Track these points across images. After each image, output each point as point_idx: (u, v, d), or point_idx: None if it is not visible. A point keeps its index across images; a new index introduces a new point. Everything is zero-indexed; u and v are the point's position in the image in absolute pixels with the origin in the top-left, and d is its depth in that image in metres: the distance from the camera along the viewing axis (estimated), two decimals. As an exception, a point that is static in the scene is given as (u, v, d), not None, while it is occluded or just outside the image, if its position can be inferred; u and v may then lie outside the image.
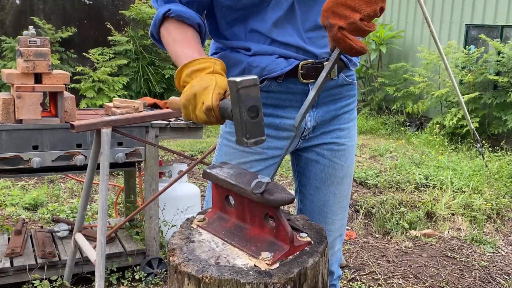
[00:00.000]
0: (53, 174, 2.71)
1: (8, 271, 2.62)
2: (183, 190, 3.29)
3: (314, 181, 1.54)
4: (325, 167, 1.52)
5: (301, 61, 1.36)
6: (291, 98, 1.42)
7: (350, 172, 1.57)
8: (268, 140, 1.44)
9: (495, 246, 3.56)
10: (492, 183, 4.62)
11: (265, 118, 1.43)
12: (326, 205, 1.55)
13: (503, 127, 6.30)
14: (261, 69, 1.36)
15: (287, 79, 1.38)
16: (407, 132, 7.34)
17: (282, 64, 1.35)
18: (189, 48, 1.25)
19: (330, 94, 1.46)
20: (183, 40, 1.27)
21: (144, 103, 3.03)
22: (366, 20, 1.01)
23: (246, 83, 0.98)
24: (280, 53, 1.36)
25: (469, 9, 7.22)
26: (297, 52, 1.36)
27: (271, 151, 1.46)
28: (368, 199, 4.20)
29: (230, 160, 1.45)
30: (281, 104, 1.42)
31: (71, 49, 7.50)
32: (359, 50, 1.03)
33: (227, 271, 0.93)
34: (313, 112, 1.45)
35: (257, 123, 1.01)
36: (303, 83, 1.39)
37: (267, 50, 1.36)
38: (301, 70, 1.37)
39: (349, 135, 1.54)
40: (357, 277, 3.05)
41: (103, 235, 2.23)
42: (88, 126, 2.23)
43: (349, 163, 1.55)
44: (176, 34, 1.29)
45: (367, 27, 1.01)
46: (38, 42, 2.59)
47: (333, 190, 1.54)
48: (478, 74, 6.57)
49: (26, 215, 3.84)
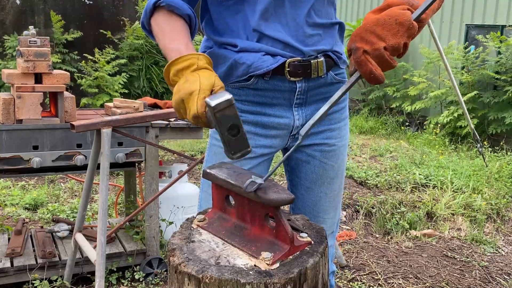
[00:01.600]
0: (53, 174, 2.71)
1: (8, 271, 2.62)
2: (183, 190, 3.29)
3: (305, 181, 1.55)
4: (316, 168, 1.53)
5: (288, 58, 1.36)
6: (279, 96, 1.42)
7: (341, 171, 1.58)
8: (256, 138, 1.45)
9: (495, 246, 3.56)
10: (492, 183, 4.62)
11: (253, 116, 1.44)
12: (317, 204, 1.56)
13: (502, 126, 6.31)
14: (247, 66, 1.36)
15: (274, 76, 1.38)
16: (407, 132, 7.35)
17: (269, 62, 1.35)
18: (177, 41, 1.25)
19: (319, 92, 1.45)
20: (171, 32, 1.28)
21: (144, 103, 3.03)
22: (389, 51, 1.08)
23: (221, 106, 1.03)
24: (267, 50, 1.36)
25: (469, 9, 7.22)
26: (284, 49, 1.36)
27: (259, 149, 1.46)
28: (368, 199, 4.20)
29: (220, 159, 1.45)
30: (269, 102, 1.42)
31: (71, 49, 7.50)
32: (378, 76, 1.08)
33: (227, 271, 0.93)
34: (302, 110, 1.45)
35: (240, 139, 1.06)
36: (290, 81, 1.39)
37: (254, 47, 1.36)
38: (288, 68, 1.37)
39: (339, 135, 1.54)
40: (357, 277, 3.05)
41: (103, 235, 2.23)
42: (88, 126, 2.23)
43: (340, 163, 1.56)
44: (165, 26, 1.29)
45: (389, 57, 1.08)
46: (38, 42, 2.59)
47: (324, 190, 1.55)
48: (477, 74, 6.58)
49: (26, 215, 3.84)
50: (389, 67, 1.09)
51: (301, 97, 1.43)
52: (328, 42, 1.43)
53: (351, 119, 8.03)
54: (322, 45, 1.41)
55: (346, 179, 4.77)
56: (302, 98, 1.43)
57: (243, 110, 1.44)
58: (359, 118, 8.21)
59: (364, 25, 1.10)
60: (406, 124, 7.82)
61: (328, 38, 1.43)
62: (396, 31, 1.07)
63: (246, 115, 1.44)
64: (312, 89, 1.43)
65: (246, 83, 1.40)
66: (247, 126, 1.44)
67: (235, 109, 1.05)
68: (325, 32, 1.42)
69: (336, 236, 1.75)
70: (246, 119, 1.44)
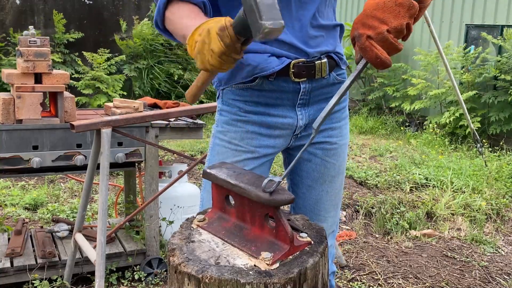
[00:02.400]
0: (53, 174, 2.71)
1: (8, 271, 2.62)
2: (183, 190, 3.29)
3: (306, 180, 1.56)
4: (317, 166, 1.54)
5: (293, 59, 1.37)
6: (283, 96, 1.42)
7: (342, 170, 1.59)
8: (261, 138, 1.46)
9: (495, 246, 3.56)
10: (492, 183, 4.63)
11: (257, 116, 1.44)
12: (318, 203, 1.57)
13: (503, 127, 6.31)
14: (253, 67, 1.37)
15: (279, 77, 1.39)
16: (407, 132, 7.35)
17: (274, 63, 1.36)
18: (196, 19, 1.21)
19: (321, 92, 1.47)
20: (189, 15, 1.25)
21: (144, 103, 3.03)
22: (393, 34, 1.06)
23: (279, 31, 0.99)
24: (272, 51, 1.37)
25: (469, 9, 7.22)
26: (289, 51, 1.37)
27: (263, 149, 1.47)
28: (368, 199, 4.20)
29: (223, 159, 1.46)
30: (273, 102, 1.43)
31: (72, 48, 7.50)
32: (384, 60, 1.06)
33: (227, 271, 0.93)
34: (304, 110, 1.46)
35: (272, 5, 1.00)
36: (295, 81, 1.40)
37: (258, 49, 1.37)
38: (293, 69, 1.38)
39: (341, 134, 1.55)
40: (357, 277, 3.05)
41: (103, 235, 2.23)
42: (88, 126, 2.23)
43: (341, 161, 1.57)
44: (182, 12, 1.27)
45: (393, 40, 1.06)
46: (38, 42, 2.59)
47: (326, 188, 1.56)
48: (477, 74, 6.58)
49: (26, 215, 3.84)
50: (395, 50, 1.08)
51: (304, 97, 1.44)
52: (331, 43, 1.45)
53: (351, 119, 8.03)
54: (325, 46, 1.43)
55: (346, 179, 4.78)
56: (306, 98, 1.44)
57: (247, 111, 1.44)
58: (359, 118, 8.21)
59: (364, 11, 1.09)
60: (406, 124, 7.82)
61: (330, 39, 1.45)
62: (397, 12, 1.05)
63: (250, 115, 1.44)
64: (315, 90, 1.45)
65: (251, 84, 1.41)
66: (251, 126, 1.45)
67: None
68: (327, 33, 1.44)
69: (336, 236, 1.75)
70: (250, 119, 1.45)
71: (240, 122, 1.46)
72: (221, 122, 1.47)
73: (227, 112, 1.47)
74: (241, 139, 1.46)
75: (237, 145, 1.46)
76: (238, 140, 1.46)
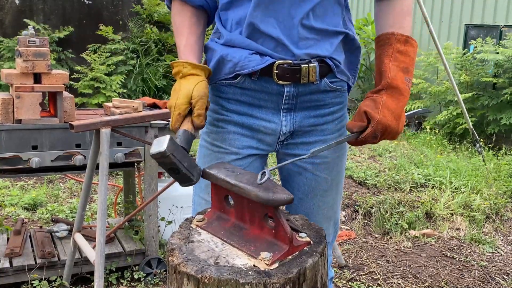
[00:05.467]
0: (52, 174, 2.71)
1: (7, 271, 2.62)
2: (182, 190, 3.28)
3: (297, 192, 1.49)
4: (307, 180, 1.47)
5: (277, 59, 1.31)
6: (267, 98, 1.37)
7: (335, 183, 1.51)
8: (243, 139, 1.42)
9: (494, 246, 3.56)
10: (491, 183, 4.63)
11: (240, 117, 1.40)
12: (309, 216, 1.49)
13: (501, 127, 6.31)
14: (234, 64, 1.33)
15: (262, 77, 1.34)
16: (406, 132, 7.35)
17: (255, 61, 1.31)
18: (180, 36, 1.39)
19: (310, 99, 1.38)
20: (179, 26, 1.40)
21: (143, 103, 3.03)
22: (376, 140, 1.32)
23: (156, 156, 1.12)
24: (256, 48, 1.32)
25: (468, 9, 7.22)
26: (275, 49, 1.31)
27: (246, 150, 1.42)
28: (367, 199, 4.20)
29: (209, 160, 1.43)
30: (256, 103, 1.38)
31: (69, 48, 7.48)
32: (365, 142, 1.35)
33: (227, 271, 0.93)
34: (290, 116, 1.40)
35: (182, 175, 1.16)
36: (278, 84, 1.33)
37: (242, 43, 1.33)
38: (276, 70, 1.31)
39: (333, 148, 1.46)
40: (356, 277, 3.05)
41: (102, 235, 2.23)
42: (88, 126, 2.23)
43: (334, 175, 1.49)
44: (176, 18, 1.42)
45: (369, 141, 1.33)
46: (37, 42, 2.58)
47: (317, 203, 1.50)
48: (476, 74, 6.58)
49: (25, 215, 3.84)
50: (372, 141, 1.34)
51: (289, 102, 1.37)
52: (326, 48, 1.35)
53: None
54: (318, 50, 1.34)
55: (346, 179, 4.78)
56: (291, 103, 1.38)
57: (230, 110, 1.41)
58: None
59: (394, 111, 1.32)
60: (405, 124, 7.81)
61: (326, 44, 1.35)
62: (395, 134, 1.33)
63: (233, 115, 1.41)
64: (302, 95, 1.37)
65: (233, 81, 1.37)
66: (233, 126, 1.41)
67: (170, 158, 1.12)
68: (323, 38, 1.35)
69: (333, 244, 1.69)
70: (232, 119, 1.41)
71: (222, 121, 1.42)
72: (206, 123, 1.42)
73: (211, 111, 1.44)
74: (222, 140, 1.42)
75: (219, 147, 1.43)
76: (219, 141, 1.43)
